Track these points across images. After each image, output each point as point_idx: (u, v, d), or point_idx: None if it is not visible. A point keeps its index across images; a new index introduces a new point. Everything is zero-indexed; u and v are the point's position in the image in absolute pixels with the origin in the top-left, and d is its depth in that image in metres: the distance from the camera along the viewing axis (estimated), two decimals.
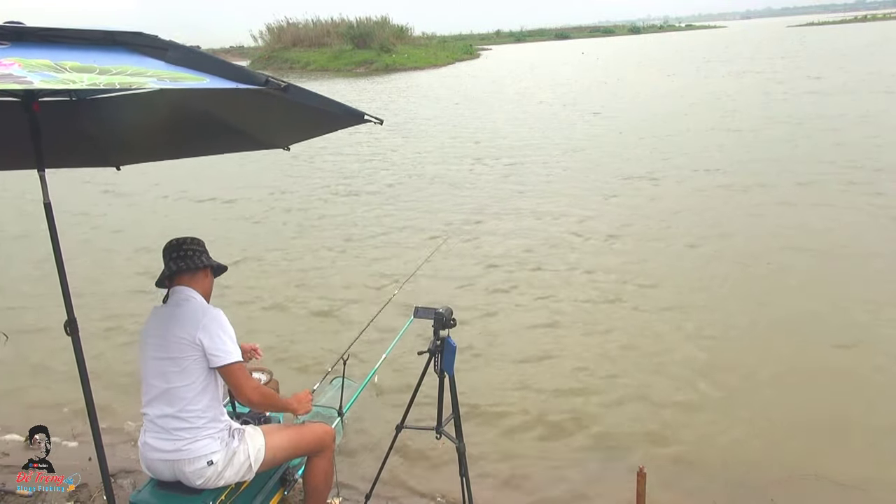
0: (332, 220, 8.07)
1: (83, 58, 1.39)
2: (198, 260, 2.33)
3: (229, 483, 2.28)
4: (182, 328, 2.18)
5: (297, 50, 44.19)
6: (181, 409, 2.19)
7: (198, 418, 2.20)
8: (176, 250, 2.34)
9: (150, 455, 2.23)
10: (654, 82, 22.31)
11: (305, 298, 5.62)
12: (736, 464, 3.20)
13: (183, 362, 2.18)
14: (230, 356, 2.20)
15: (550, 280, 5.69)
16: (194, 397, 2.19)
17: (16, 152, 2.23)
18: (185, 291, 2.29)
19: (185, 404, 2.19)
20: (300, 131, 2.70)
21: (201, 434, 2.21)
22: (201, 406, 2.21)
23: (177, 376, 2.18)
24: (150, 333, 2.27)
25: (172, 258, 2.32)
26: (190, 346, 2.17)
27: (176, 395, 2.19)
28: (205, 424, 2.21)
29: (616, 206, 7.82)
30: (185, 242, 2.37)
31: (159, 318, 2.27)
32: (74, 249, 6.77)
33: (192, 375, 2.19)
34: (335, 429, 3.27)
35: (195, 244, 2.38)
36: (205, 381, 2.21)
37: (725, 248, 6.15)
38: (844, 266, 5.58)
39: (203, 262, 2.34)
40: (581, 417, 3.67)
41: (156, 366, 2.22)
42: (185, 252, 2.34)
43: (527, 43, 77.72)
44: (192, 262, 2.32)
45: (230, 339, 2.22)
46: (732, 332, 4.59)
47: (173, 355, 2.18)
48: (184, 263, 2.31)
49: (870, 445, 3.31)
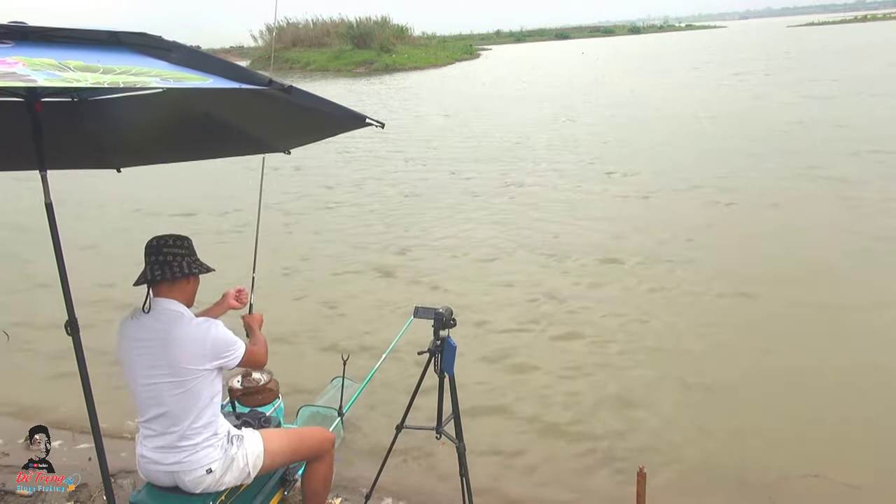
0: (332, 219, 8.07)
1: (87, 57, 1.39)
2: (177, 268, 2.18)
3: (228, 487, 2.28)
4: (191, 359, 2.11)
5: (297, 50, 44.19)
6: (184, 429, 2.14)
7: (198, 434, 2.17)
8: (155, 253, 2.18)
9: (149, 466, 2.22)
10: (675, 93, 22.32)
11: (305, 299, 5.62)
12: (736, 463, 3.20)
13: (189, 384, 2.12)
14: (239, 350, 2.21)
15: (547, 279, 5.70)
16: (198, 415, 2.15)
17: (18, 153, 2.23)
18: (170, 305, 2.17)
19: (189, 423, 2.14)
20: (301, 135, 2.70)
21: (201, 447, 2.17)
22: (202, 422, 2.17)
23: (180, 398, 2.12)
24: (137, 345, 2.15)
25: (151, 263, 2.18)
26: (204, 372, 2.14)
27: (178, 416, 2.14)
28: (205, 439, 2.18)
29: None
30: (167, 244, 2.20)
31: (147, 329, 2.15)
32: (79, 245, 6.77)
33: (197, 396, 2.14)
34: (335, 431, 3.28)
35: (177, 246, 2.21)
36: (209, 397, 2.17)
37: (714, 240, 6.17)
38: (846, 267, 5.60)
39: (184, 271, 2.19)
40: (580, 417, 3.67)
41: (155, 387, 2.13)
42: (164, 257, 2.18)
43: (527, 43, 77.73)
44: (170, 272, 2.17)
45: (232, 339, 2.20)
46: (732, 331, 4.60)
47: (178, 379, 2.11)
48: (160, 272, 2.16)
49: (870, 446, 3.31)
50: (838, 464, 3.14)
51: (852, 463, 3.16)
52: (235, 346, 2.21)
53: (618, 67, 30.48)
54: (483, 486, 3.03)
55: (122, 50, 1.54)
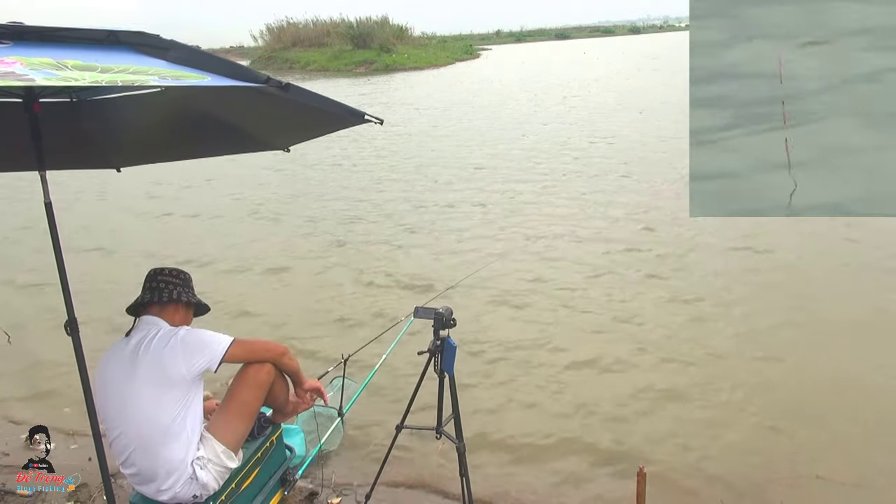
0: (332, 219, 8.08)
1: (85, 56, 1.40)
2: (166, 294, 2.19)
3: (219, 486, 2.28)
4: (163, 369, 2.04)
5: (297, 50, 44.16)
6: (157, 467, 2.12)
7: (172, 471, 2.13)
8: (151, 280, 2.25)
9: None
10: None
11: (306, 298, 5.62)
12: (737, 464, 3.19)
13: (163, 400, 2.07)
14: (222, 342, 2.12)
15: (543, 278, 5.70)
16: (166, 450, 2.12)
17: (17, 153, 2.24)
18: (151, 321, 2.16)
19: (161, 459, 2.11)
20: (300, 132, 2.70)
21: (179, 483, 2.15)
22: (171, 459, 2.13)
23: (149, 430, 2.10)
24: (118, 373, 2.10)
25: (145, 288, 2.24)
26: (177, 387, 2.07)
27: (149, 452, 2.11)
28: (178, 476, 2.14)
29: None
30: (162, 273, 2.26)
31: (128, 356, 2.10)
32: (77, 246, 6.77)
33: (162, 425, 2.10)
34: (335, 431, 3.28)
35: (172, 276, 2.26)
36: (191, 428, 2.15)
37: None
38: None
39: (173, 296, 2.19)
40: (581, 418, 3.67)
41: (130, 421, 2.10)
42: (157, 283, 2.23)
43: (527, 43, 77.68)
44: (160, 295, 2.20)
45: (209, 336, 2.13)
46: (733, 331, 4.59)
47: (154, 391, 2.07)
48: (150, 295, 2.20)
49: (873, 447, 3.30)
50: (841, 465, 3.13)
51: (855, 464, 3.15)
52: (215, 340, 2.12)
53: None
54: (483, 485, 3.03)
55: (120, 49, 1.55)
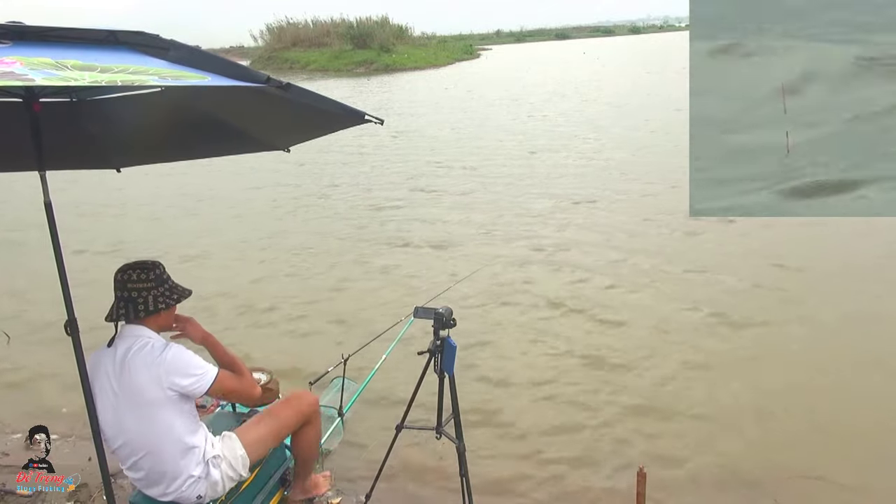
0: (331, 219, 8.08)
1: (85, 56, 1.40)
2: (141, 306, 2.07)
3: (225, 491, 2.29)
4: (147, 384, 2.03)
5: (297, 50, 44.16)
6: (167, 470, 2.13)
7: (183, 471, 2.15)
8: (120, 289, 2.09)
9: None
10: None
11: (305, 299, 5.62)
12: (737, 464, 3.19)
13: (153, 414, 2.06)
14: (208, 374, 2.10)
15: (544, 280, 5.70)
16: (179, 452, 2.12)
17: (17, 153, 2.24)
18: (134, 331, 2.11)
19: (172, 462, 2.12)
20: (300, 132, 2.70)
21: (186, 483, 2.16)
22: (185, 461, 2.14)
23: (158, 438, 2.10)
24: (108, 385, 2.09)
25: (118, 298, 2.10)
26: (165, 399, 2.06)
27: (155, 455, 2.12)
28: (188, 476, 2.16)
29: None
30: (130, 279, 2.08)
31: (115, 368, 2.07)
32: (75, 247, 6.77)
33: (175, 432, 2.11)
34: (335, 430, 3.28)
35: (141, 280, 2.09)
36: (191, 433, 2.15)
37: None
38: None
39: (148, 309, 2.08)
40: (581, 418, 3.67)
41: (134, 432, 2.10)
42: (128, 293, 2.08)
43: (527, 43, 77.66)
44: (133, 311, 2.07)
45: (197, 361, 2.11)
46: (732, 331, 4.59)
47: (153, 416, 2.07)
48: (125, 311, 2.08)
49: (873, 447, 3.30)
50: (842, 466, 3.13)
51: (856, 465, 3.15)
52: (201, 369, 2.10)
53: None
54: (483, 486, 3.03)
55: (120, 49, 1.55)
